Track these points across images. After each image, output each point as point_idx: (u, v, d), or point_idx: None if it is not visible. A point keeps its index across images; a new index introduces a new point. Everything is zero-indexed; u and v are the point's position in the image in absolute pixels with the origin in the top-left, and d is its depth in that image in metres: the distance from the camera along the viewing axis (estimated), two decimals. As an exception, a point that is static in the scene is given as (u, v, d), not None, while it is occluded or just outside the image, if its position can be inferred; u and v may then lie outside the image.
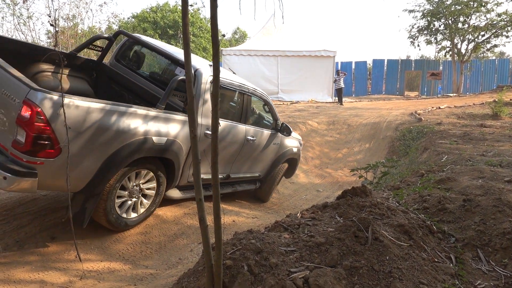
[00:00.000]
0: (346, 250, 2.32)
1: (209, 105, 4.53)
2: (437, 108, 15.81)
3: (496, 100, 13.73)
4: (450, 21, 24.73)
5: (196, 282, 2.34)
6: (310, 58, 20.04)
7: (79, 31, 20.84)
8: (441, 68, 27.55)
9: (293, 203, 6.95)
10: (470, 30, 24.04)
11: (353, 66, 27.64)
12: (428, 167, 5.81)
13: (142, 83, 4.94)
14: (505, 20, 23.08)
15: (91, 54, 12.75)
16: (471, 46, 25.07)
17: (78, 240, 3.85)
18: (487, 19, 23.79)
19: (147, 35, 28.25)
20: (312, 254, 2.33)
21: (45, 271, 3.26)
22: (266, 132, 5.89)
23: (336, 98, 19.52)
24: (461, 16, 24.02)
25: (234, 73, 6.49)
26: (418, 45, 26.95)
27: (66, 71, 4.93)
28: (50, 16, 16.40)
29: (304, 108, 16.45)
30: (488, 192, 3.66)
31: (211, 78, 4.56)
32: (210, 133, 4.62)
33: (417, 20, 26.21)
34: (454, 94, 24.13)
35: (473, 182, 4.16)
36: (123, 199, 3.98)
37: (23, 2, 18.09)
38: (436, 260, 2.58)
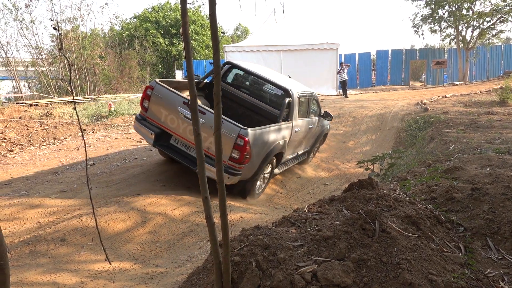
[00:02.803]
0: (354, 243, 2.32)
1: (296, 112, 6.67)
2: (443, 97, 15.67)
3: (503, 86, 13.57)
4: (454, 8, 24.40)
5: (205, 279, 2.35)
6: (313, 51, 19.92)
7: (84, 33, 20.93)
8: (446, 56, 27.21)
9: (300, 198, 6.95)
10: (474, 16, 23.70)
11: (357, 58, 27.41)
12: (435, 157, 5.77)
13: (244, 97, 7.15)
14: (510, 5, 22.72)
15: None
16: (476, 32, 24.74)
17: (89, 241, 3.90)
18: (491, 4, 23.45)
19: (149, 35, 28.29)
20: (319, 248, 2.34)
21: (57, 273, 3.30)
22: (316, 119, 7.98)
23: (341, 90, 19.42)
24: (465, 2, 23.67)
25: (290, 77, 8.29)
26: (422, 34, 26.67)
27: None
28: (52, 20, 16.52)
29: (309, 102, 16.38)
30: (497, 180, 3.63)
31: (298, 93, 6.73)
32: (297, 130, 6.85)
33: (421, 9, 25.98)
34: (460, 82, 23.87)
35: (481, 170, 4.13)
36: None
37: (26, 7, 18.20)
38: (445, 250, 2.57)
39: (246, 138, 5.18)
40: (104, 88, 21.69)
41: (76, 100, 15.23)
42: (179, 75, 24.86)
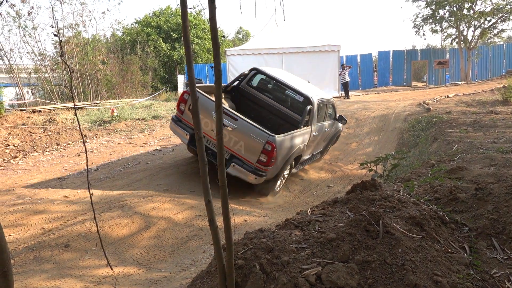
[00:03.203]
0: (358, 244, 2.31)
1: (315, 118, 7.20)
2: (445, 97, 15.62)
3: (506, 85, 13.50)
4: (455, 8, 24.36)
5: (209, 283, 2.35)
6: (314, 53, 19.93)
7: (86, 39, 21.07)
8: (448, 56, 27.15)
9: (304, 200, 6.94)
10: (475, 16, 23.64)
11: (359, 59, 27.38)
12: (438, 157, 5.75)
13: (268, 101, 7.84)
14: (511, 4, 22.67)
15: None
16: (477, 32, 24.68)
17: (93, 247, 3.91)
18: (492, 4, 23.39)
19: (151, 40, 28.39)
20: (323, 250, 2.33)
21: (61, 279, 3.30)
22: (331, 122, 8.54)
23: (343, 92, 19.41)
24: (466, 2, 23.63)
25: (309, 82, 8.82)
26: (424, 34, 26.67)
27: (223, 95, 7.56)
28: (53, 27, 16.67)
29: (311, 104, 16.35)
30: (501, 179, 3.62)
31: (318, 100, 7.26)
32: (315, 134, 7.50)
33: (421, 9, 25.94)
34: (463, 82, 23.81)
35: (485, 170, 4.11)
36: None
37: (28, 14, 18.31)
38: (449, 250, 2.55)
39: (274, 144, 5.77)
40: (106, 94, 21.79)
41: (79, 106, 15.29)
42: (181, 79, 24.93)
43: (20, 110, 12.98)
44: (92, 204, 2.30)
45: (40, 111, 13.22)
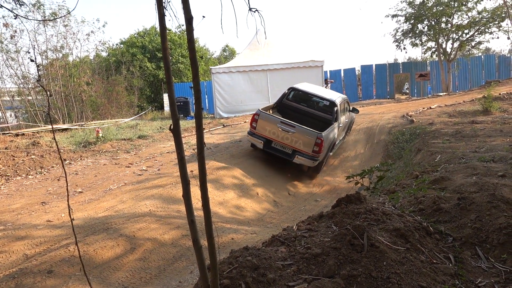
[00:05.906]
0: (343, 259, 2.31)
1: (342, 119, 10.11)
2: (428, 108, 15.92)
3: (486, 95, 13.82)
4: (433, 22, 25.07)
5: (195, 304, 2.31)
6: (298, 69, 20.17)
7: (70, 61, 21.00)
8: (428, 68, 27.77)
9: (292, 215, 6.92)
10: (453, 29, 24.35)
11: (342, 74, 27.79)
12: (422, 168, 5.83)
13: (304, 109, 10.49)
14: (487, 17, 23.44)
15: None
16: (456, 44, 25.39)
17: (76, 272, 3.82)
18: (469, 17, 24.14)
19: (136, 60, 28.43)
20: (309, 266, 2.32)
21: (44, 307, 3.21)
22: (348, 113, 11.31)
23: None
24: (443, 16, 24.34)
25: (326, 87, 11.42)
26: (404, 48, 27.23)
27: (273, 110, 10.41)
28: (29, 52, 16.65)
29: (297, 119, 16.43)
30: (482, 188, 3.68)
31: (339, 101, 10.00)
32: (341, 125, 10.87)
33: (401, 24, 26.55)
34: (444, 93, 24.33)
35: (467, 179, 4.18)
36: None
37: (11, 38, 18.19)
38: (434, 261, 2.57)
39: (322, 138, 8.40)
40: (92, 115, 21.60)
41: (64, 127, 15.11)
42: (167, 99, 24.92)
43: (2, 134, 12.76)
44: (74, 230, 2.26)
45: (23, 134, 13.01)
